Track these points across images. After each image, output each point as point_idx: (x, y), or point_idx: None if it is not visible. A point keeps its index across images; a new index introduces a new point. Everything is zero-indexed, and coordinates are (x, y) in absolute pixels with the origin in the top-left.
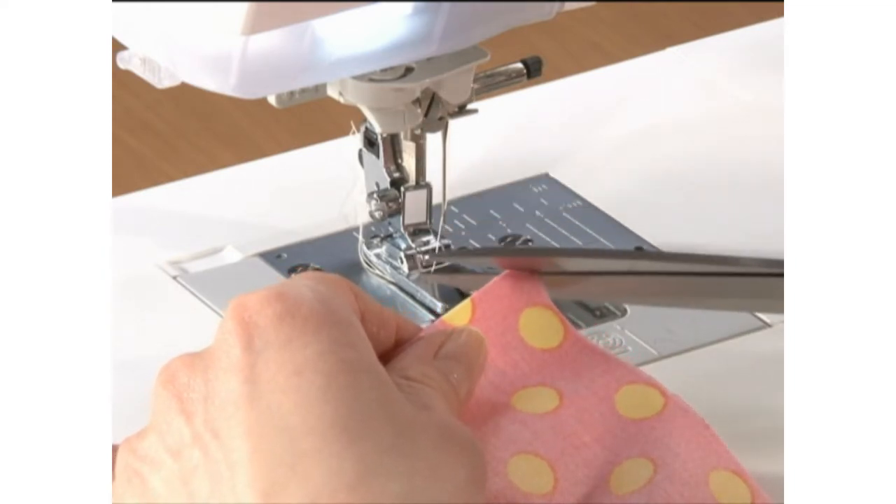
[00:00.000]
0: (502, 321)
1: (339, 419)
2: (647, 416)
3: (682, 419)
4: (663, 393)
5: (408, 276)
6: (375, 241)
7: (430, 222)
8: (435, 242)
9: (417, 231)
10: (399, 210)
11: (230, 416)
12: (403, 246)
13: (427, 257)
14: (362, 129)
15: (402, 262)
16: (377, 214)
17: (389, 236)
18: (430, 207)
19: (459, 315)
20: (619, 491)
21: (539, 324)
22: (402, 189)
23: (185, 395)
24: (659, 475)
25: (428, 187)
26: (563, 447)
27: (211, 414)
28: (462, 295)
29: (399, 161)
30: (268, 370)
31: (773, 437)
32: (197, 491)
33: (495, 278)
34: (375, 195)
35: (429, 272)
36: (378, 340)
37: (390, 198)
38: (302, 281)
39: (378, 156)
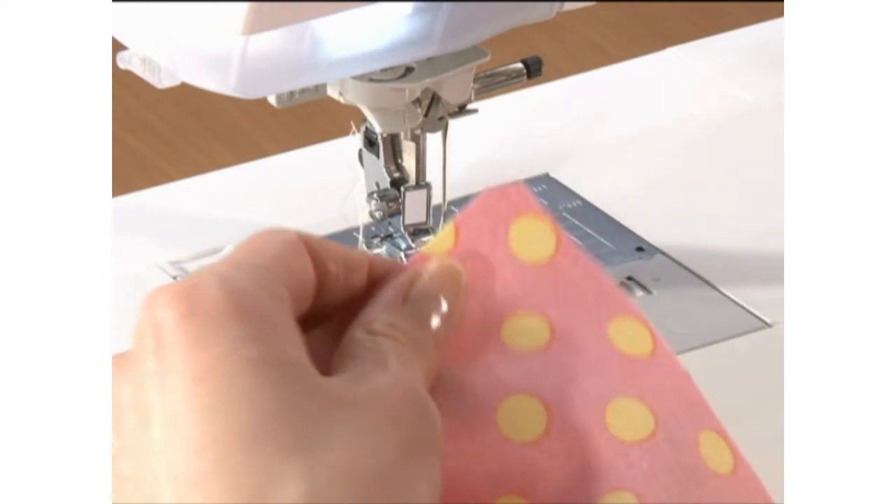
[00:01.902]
0: (491, 237)
1: (239, 427)
2: (641, 355)
3: (670, 367)
4: (651, 333)
5: None
6: (375, 241)
7: (431, 222)
8: None
9: (417, 231)
10: (399, 210)
11: (144, 431)
12: (403, 246)
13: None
14: (362, 129)
15: (402, 262)
16: (377, 214)
17: (389, 236)
18: (430, 207)
19: (441, 242)
20: (619, 433)
21: (531, 235)
22: (402, 189)
23: (116, 403)
24: (660, 433)
25: (428, 187)
26: (556, 380)
27: (133, 428)
28: None
29: (399, 161)
30: (175, 378)
31: (773, 437)
32: None
33: (478, 195)
34: (375, 195)
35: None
36: (347, 286)
37: (390, 198)
38: (218, 267)
39: (378, 156)
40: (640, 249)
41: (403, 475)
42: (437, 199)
